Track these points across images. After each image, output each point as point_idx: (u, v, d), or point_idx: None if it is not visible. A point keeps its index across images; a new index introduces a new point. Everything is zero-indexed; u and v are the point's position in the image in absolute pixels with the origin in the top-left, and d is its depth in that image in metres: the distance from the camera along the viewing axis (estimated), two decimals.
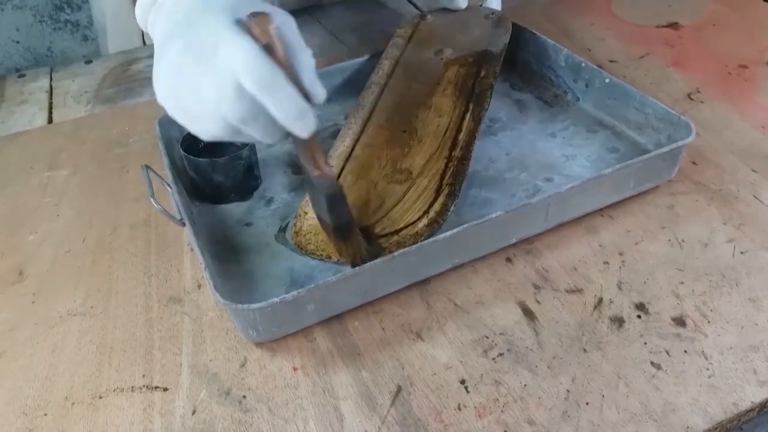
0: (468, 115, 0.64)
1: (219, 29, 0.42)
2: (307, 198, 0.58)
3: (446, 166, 0.59)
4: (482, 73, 0.68)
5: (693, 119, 0.59)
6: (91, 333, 0.51)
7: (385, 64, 0.72)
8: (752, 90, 0.75)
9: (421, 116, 0.65)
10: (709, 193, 0.61)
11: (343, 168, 0.61)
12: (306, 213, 0.57)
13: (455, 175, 0.58)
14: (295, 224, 0.57)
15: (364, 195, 0.58)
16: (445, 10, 0.78)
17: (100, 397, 0.46)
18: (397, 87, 0.69)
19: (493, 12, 0.77)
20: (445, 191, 0.56)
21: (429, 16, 0.78)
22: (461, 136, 0.61)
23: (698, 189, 0.61)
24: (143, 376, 0.48)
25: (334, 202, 0.50)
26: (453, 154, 0.60)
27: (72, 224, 0.62)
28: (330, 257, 0.54)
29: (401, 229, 0.54)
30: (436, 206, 0.55)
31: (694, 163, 0.64)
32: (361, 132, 0.65)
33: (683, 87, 0.76)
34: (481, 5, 0.78)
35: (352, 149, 0.63)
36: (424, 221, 0.54)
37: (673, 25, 0.89)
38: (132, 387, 0.47)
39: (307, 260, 0.55)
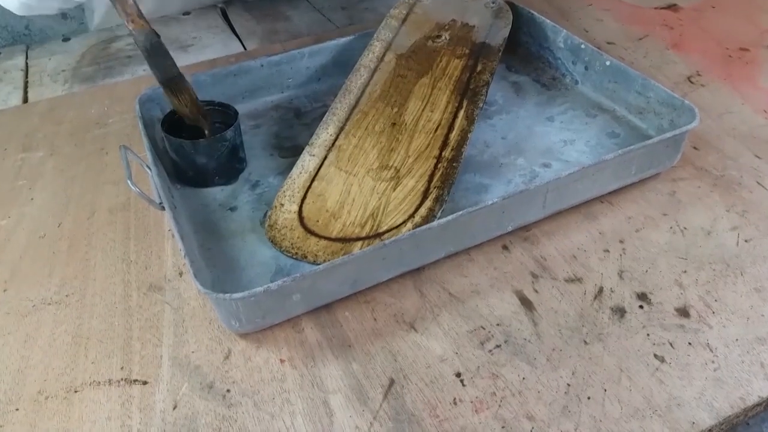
0: (461, 113, 0.60)
1: None
2: (284, 189, 0.55)
3: (435, 167, 0.55)
4: (479, 68, 0.65)
5: (694, 103, 0.57)
6: (67, 323, 0.48)
7: (376, 47, 0.68)
8: (754, 73, 0.73)
9: (411, 108, 0.61)
10: (711, 179, 0.59)
11: (324, 158, 0.57)
12: (282, 205, 0.54)
13: (444, 178, 0.54)
14: (269, 216, 0.54)
15: (347, 190, 0.55)
16: None
17: (76, 391, 0.44)
18: (387, 73, 0.65)
19: (494, 1, 0.73)
20: (433, 195, 0.53)
21: None
22: (453, 135, 0.58)
23: (700, 175, 0.59)
24: (121, 368, 0.45)
25: (155, 53, 0.51)
26: (443, 154, 0.56)
27: (47, 208, 0.59)
28: (306, 257, 0.51)
29: (384, 233, 0.51)
30: (422, 211, 0.52)
31: (695, 147, 0.62)
32: (347, 119, 0.61)
33: (683, 70, 0.74)
34: None
35: (336, 138, 0.59)
36: (409, 225, 0.51)
37: (672, 7, 0.87)
38: (109, 380, 0.44)
39: None
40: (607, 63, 0.65)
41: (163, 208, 0.51)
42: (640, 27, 0.83)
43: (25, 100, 0.77)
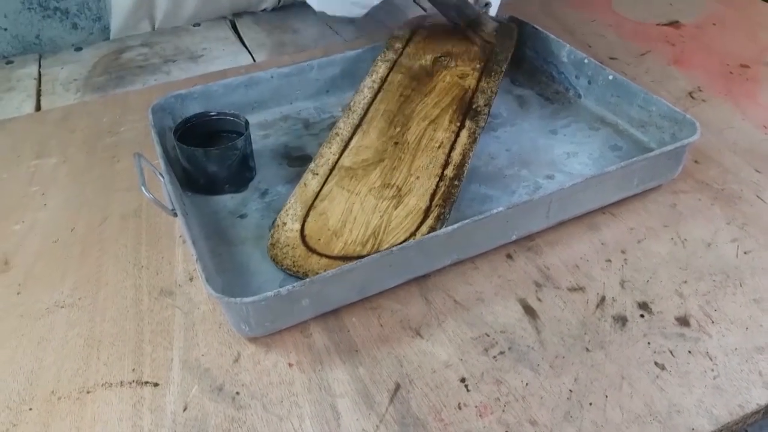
0: (463, 132, 0.60)
1: None
2: (287, 207, 0.55)
3: (437, 185, 0.56)
4: (481, 87, 0.65)
5: (695, 118, 0.59)
6: (79, 325, 0.49)
7: (380, 68, 0.69)
8: (754, 89, 0.74)
9: (413, 128, 0.61)
10: (711, 192, 0.60)
11: (327, 177, 0.58)
12: (284, 224, 0.54)
13: (445, 196, 0.55)
14: (272, 235, 0.54)
15: (349, 208, 0.55)
16: None
17: (88, 392, 0.45)
18: (391, 93, 0.66)
19: (497, 20, 0.74)
20: (434, 213, 0.54)
21: (429, 19, 0.75)
22: (454, 154, 0.58)
23: (701, 188, 0.60)
24: (133, 370, 0.46)
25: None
26: (445, 173, 0.57)
27: (60, 214, 0.60)
28: (307, 275, 0.50)
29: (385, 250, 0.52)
30: (424, 229, 0.52)
31: (696, 161, 0.63)
32: (350, 139, 0.61)
33: (685, 85, 0.76)
34: (485, 11, 0.75)
35: (339, 157, 0.60)
36: None
37: (674, 24, 0.89)
38: (121, 382, 0.45)
39: None
40: (610, 77, 0.66)
41: (175, 215, 0.52)
42: (642, 43, 0.84)
43: (38, 108, 0.78)
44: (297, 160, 0.65)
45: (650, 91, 0.64)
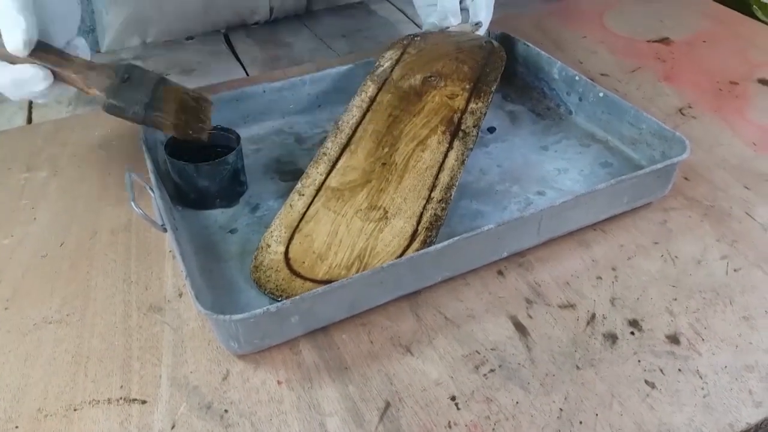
0: (451, 153, 0.60)
1: None
2: (272, 229, 0.55)
3: (424, 208, 0.55)
4: (470, 109, 0.65)
5: (685, 134, 0.59)
6: (67, 342, 0.49)
7: (369, 88, 0.68)
8: (743, 106, 0.75)
9: (402, 149, 0.61)
10: (701, 209, 0.60)
11: (313, 198, 0.57)
12: (269, 246, 0.53)
13: (432, 219, 0.54)
14: (255, 257, 0.53)
15: (334, 230, 0.54)
16: (437, 30, 0.76)
17: (75, 410, 0.44)
18: (379, 114, 0.65)
19: (487, 41, 0.74)
20: (420, 237, 0.53)
21: (418, 39, 0.74)
22: (442, 176, 0.58)
23: (691, 205, 0.61)
24: (121, 387, 0.46)
25: (115, 111, 0.56)
26: (432, 195, 0.56)
27: (49, 228, 0.60)
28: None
29: (376, 268, 0.51)
30: (410, 253, 0.52)
31: (686, 178, 0.64)
32: (338, 159, 0.61)
33: (675, 102, 0.76)
34: (474, 32, 0.75)
35: (326, 177, 0.59)
36: None
37: (665, 40, 0.89)
38: (109, 399, 0.45)
39: None
40: (601, 94, 0.67)
41: (165, 230, 0.51)
42: (633, 59, 0.85)
43: (29, 120, 0.78)
44: (288, 175, 0.65)
45: (641, 107, 0.64)
